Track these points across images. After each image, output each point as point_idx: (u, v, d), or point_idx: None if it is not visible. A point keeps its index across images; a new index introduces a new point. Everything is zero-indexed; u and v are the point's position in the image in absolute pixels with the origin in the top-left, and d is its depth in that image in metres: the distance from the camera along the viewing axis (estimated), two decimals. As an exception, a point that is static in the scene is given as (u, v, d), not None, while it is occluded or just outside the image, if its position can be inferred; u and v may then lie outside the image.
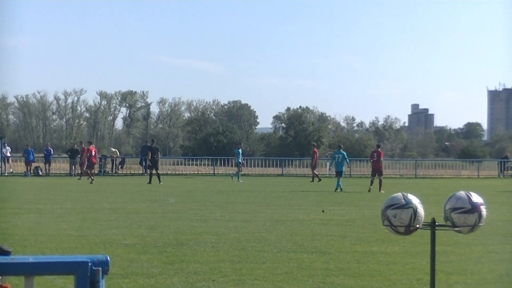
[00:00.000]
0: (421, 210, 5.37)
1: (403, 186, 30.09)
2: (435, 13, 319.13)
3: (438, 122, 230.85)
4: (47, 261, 2.85)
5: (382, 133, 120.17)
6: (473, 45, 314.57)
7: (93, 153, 32.44)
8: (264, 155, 71.55)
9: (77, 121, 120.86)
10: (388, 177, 37.82)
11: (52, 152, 42.11)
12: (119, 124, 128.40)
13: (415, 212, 5.32)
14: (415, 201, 5.38)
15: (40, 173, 40.53)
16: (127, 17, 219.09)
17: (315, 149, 38.67)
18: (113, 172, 43.51)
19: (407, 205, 5.33)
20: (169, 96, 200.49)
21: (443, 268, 8.88)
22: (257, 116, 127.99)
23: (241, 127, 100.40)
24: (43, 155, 42.39)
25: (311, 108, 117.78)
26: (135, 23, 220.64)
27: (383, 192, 25.37)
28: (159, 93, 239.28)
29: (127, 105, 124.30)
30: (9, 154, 42.54)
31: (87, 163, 32.88)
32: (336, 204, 20.40)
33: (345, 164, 30.15)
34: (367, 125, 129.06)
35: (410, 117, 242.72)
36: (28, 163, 40.56)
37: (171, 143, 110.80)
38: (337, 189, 27.19)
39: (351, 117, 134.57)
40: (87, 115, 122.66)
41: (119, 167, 44.35)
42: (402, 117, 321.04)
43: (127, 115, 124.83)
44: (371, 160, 28.99)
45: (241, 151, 38.00)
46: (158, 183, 30.44)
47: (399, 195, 5.44)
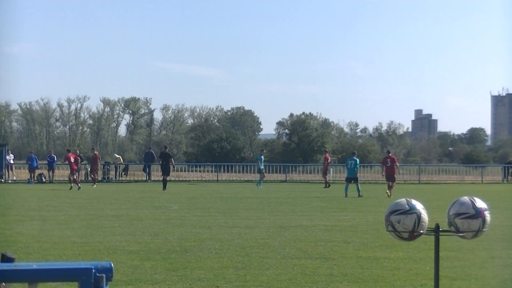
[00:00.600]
0: (425, 215, 5.37)
1: (406, 191, 30.02)
2: (437, 18, 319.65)
3: (441, 127, 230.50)
4: (51, 268, 2.85)
5: (385, 138, 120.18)
6: (476, 50, 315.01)
7: (71, 159, 32.55)
8: (267, 161, 71.41)
9: (80, 128, 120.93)
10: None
11: (55, 159, 42.18)
12: (122, 130, 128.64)
13: (419, 217, 5.32)
14: (418, 206, 5.38)
15: (43, 180, 40.59)
16: (130, 24, 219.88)
17: (327, 155, 38.64)
18: (117, 178, 43.53)
19: (411, 210, 5.33)
20: (173, 102, 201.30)
21: (447, 273, 8.87)
22: (260, 122, 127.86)
23: (245, 133, 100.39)
24: (47, 162, 42.57)
25: (314, 114, 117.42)
26: (139, 30, 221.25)
27: (392, 197, 25.40)
28: (162, 99, 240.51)
29: (131, 111, 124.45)
30: (12, 161, 42.60)
31: (70, 170, 32.97)
32: (339, 210, 20.40)
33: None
34: (371, 130, 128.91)
35: (413, 122, 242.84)
36: (31, 170, 40.68)
37: (174, 150, 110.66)
38: (360, 194, 27.25)
39: (354, 123, 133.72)
40: (91, 122, 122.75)
41: (123, 173, 44.37)
42: (405, 123, 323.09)
43: (131, 121, 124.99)
44: (385, 166, 28.96)
45: (263, 158, 37.69)
46: (162, 189, 30.47)
47: (403, 200, 5.44)
